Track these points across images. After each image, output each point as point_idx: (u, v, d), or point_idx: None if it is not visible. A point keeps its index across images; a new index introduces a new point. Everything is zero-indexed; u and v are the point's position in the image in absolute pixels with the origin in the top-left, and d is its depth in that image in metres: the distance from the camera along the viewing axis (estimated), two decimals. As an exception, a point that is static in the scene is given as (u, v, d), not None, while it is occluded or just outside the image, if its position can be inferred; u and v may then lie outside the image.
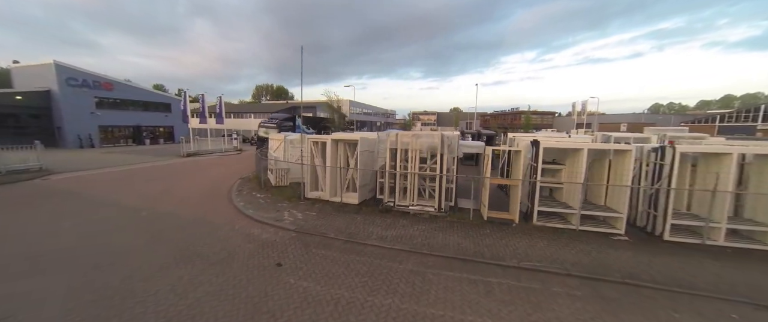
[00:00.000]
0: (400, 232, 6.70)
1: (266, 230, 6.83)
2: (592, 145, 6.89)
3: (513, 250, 5.85)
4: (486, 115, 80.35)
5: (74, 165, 15.76)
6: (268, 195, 9.92)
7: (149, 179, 12.78)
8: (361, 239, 6.29)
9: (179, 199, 9.51)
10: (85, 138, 25.55)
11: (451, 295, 4.33)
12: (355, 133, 11.12)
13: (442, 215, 7.82)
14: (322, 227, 6.97)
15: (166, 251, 5.57)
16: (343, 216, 7.75)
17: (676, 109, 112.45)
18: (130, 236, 6.38)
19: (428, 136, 7.93)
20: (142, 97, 31.50)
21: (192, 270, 4.87)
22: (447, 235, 6.58)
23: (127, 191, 10.56)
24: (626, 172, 6.60)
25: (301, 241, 6.24)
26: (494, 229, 6.97)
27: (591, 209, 7.05)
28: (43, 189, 10.63)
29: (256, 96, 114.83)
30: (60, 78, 23.67)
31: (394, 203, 8.29)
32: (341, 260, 5.35)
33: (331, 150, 8.98)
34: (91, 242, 5.99)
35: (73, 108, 24.62)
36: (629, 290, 4.56)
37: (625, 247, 6.02)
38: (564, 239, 6.40)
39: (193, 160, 19.71)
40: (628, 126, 36.08)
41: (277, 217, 7.67)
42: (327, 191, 9.10)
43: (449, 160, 8.02)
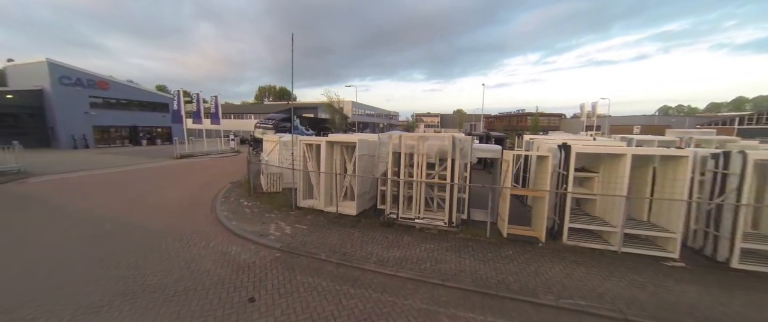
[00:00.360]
0: (404, 252, 5.58)
1: (246, 248, 5.76)
2: (637, 151, 5.73)
3: (545, 279, 4.70)
4: (491, 117, 78.99)
5: (60, 167, 14.89)
6: (256, 203, 8.87)
7: (132, 183, 11.81)
8: (358, 261, 5.18)
9: (156, 207, 8.49)
10: (79, 138, 24.81)
11: (474, 352, 3.21)
12: (353, 134, 10.04)
13: (454, 230, 6.70)
14: (312, 244, 5.87)
15: (108, 282, 4.49)
16: (339, 230, 6.65)
17: (686, 111, 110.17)
18: (73, 257, 5.31)
19: (437, 139, 6.82)
20: (139, 97, 30.80)
21: (130, 311, 3.79)
22: (461, 257, 5.45)
23: (102, 196, 9.58)
24: (680, 183, 5.43)
25: (285, 264, 5.15)
26: (517, 249, 5.83)
27: (633, 226, 5.87)
28: (7, 194, 9.68)
29: (258, 97, 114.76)
30: (53, 76, 22.96)
31: (398, 214, 7.17)
32: (331, 293, 4.25)
33: (327, 154, 7.90)
34: (21, 270, 4.95)
35: (66, 107, 23.89)
36: (711, 343, 3.41)
37: (686, 277, 4.84)
38: (605, 264, 5.24)
39: (185, 162, 18.79)
40: (642, 128, 34.56)
41: (261, 231, 6.59)
42: (321, 200, 8.02)
43: (461, 166, 6.90)
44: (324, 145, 7.87)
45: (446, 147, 6.74)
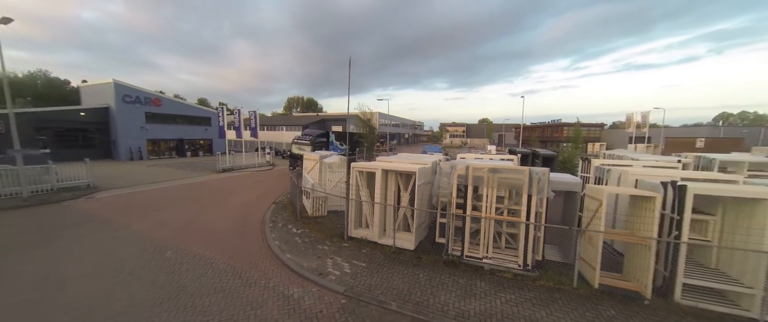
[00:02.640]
0: (484, 305, 4.90)
1: (308, 291, 5.41)
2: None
3: (676, 359, 3.78)
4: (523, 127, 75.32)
5: (120, 182, 15.99)
6: (305, 230, 8.63)
7: (183, 201, 12.23)
8: (435, 316, 4.59)
9: (208, 232, 8.54)
10: (135, 151, 26.98)
11: None
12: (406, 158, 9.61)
13: (530, 274, 5.89)
14: (377, 289, 5.39)
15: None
16: (400, 270, 6.12)
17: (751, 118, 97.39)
18: (143, 295, 5.23)
19: (512, 172, 6.12)
20: (185, 112, 33.11)
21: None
22: (553, 314, 4.67)
23: (159, 217, 9.90)
24: None
25: (354, 315, 4.69)
26: (619, 308, 4.91)
27: None
28: (82, 212, 10.33)
29: (287, 108, 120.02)
30: (117, 95, 25.36)
31: (462, 252, 6.51)
32: (418, 365, 3.69)
33: (381, 182, 7.49)
34: (86, 307, 4.93)
35: (126, 123, 26.20)
36: None
37: None
38: (748, 339, 4.18)
39: (227, 176, 19.49)
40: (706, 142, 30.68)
41: (319, 267, 6.25)
42: (375, 231, 7.57)
43: (538, 201, 6.12)
44: (379, 173, 7.48)
45: (521, 181, 6.02)
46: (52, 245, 7.32)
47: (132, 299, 5.08)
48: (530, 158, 16.69)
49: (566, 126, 50.50)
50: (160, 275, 5.92)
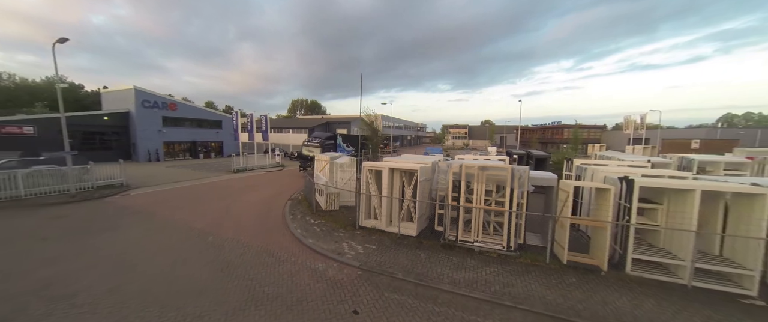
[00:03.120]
0: (472, 275, 6.17)
1: (330, 266, 6.71)
2: (707, 186, 5.84)
3: (614, 309, 5.02)
4: (524, 129, 76.25)
5: (148, 180, 17.46)
6: (321, 221, 9.93)
7: (208, 198, 13.63)
8: (433, 282, 5.87)
9: (238, 222, 9.88)
10: (153, 152, 28.60)
11: (561, 373, 3.72)
12: (409, 159, 10.87)
13: (512, 254, 7.13)
14: (386, 264, 6.68)
15: (240, 290, 5.61)
16: (405, 251, 7.40)
17: (756, 119, 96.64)
18: (203, 268, 6.57)
19: (497, 169, 7.40)
20: (197, 115, 34.74)
21: (268, 316, 4.80)
22: (526, 282, 5.91)
23: (192, 210, 11.28)
24: (757, 221, 5.46)
25: (369, 281, 5.98)
26: (580, 277, 6.14)
27: (704, 260, 5.91)
28: (123, 208, 11.75)
29: (291, 110, 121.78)
30: (137, 100, 27.04)
31: (457, 237, 7.77)
32: (419, 310, 4.97)
33: (388, 179, 8.79)
34: (167, 276, 6.27)
35: (145, 126, 27.85)
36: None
37: (760, 314, 4.87)
38: (675, 297, 5.40)
39: (242, 176, 20.89)
40: (702, 143, 31.47)
41: (337, 249, 7.55)
42: (382, 221, 8.87)
43: (519, 194, 7.37)
44: (386, 171, 8.78)
45: (505, 177, 7.29)
46: (117, 232, 8.72)
47: (195, 269, 6.42)
48: (525, 159, 17.88)
49: (566, 128, 51.37)
50: (209, 253, 7.27)
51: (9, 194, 11.63)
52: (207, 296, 5.40)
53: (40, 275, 6.02)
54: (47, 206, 11.27)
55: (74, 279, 5.86)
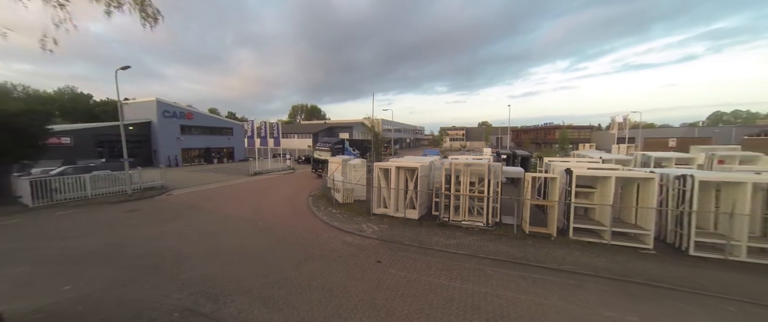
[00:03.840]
0: (459, 241, 8.61)
1: (355, 238, 9.14)
2: (620, 173, 8.34)
3: (552, 257, 7.47)
4: (517, 130, 79.08)
5: (179, 183, 19.83)
6: (341, 211, 12.35)
7: (240, 196, 16.02)
8: (431, 245, 8.31)
9: (274, 213, 12.29)
10: (172, 158, 30.98)
11: (506, 284, 6.16)
12: (410, 159, 13.33)
13: (490, 228, 9.58)
14: (396, 236, 9.12)
15: (295, 252, 8.04)
16: (410, 229, 9.85)
17: (744, 117, 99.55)
18: (263, 240, 9.02)
19: (478, 166, 9.88)
20: (210, 124, 37.21)
21: (321, 265, 7.23)
22: (497, 245, 8.35)
23: (231, 204, 13.69)
24: (651, 196, 7.95)
25: (385, 246, 8.42)
26: (535, 241, 8.59)
27: (622, 226, 8.39)
28: (175, 204, 14.15)
29: (292, 115, 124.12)
30: (159, 111, 29.49)
31: (449, 218, 10.22)
32: (422, 261, 7.41)
33: (395, 175, 11.25)
34: (243, 245, 8.69)
35: (165, 135, 30.27)
36: (651, 290, 6.01)
37: (651, 258, 7.34)
38: (596, 250, 7.85)
39: (260, 178, 23.28)
40: (678, 141, 34.13)
41: (358, 228, 9.98)
42: (391, 208, 11.31)
43: (495, 183, 9.85)
44: (393, 169, 11.24)
45: (484, 171, 9.77)
46: (183, 220, 11.13)
47: (259, 241, 8.83)
48: (511, 158, 20.39)
49: (557, 128, 54.08)
50: (263, 232, 9.69)
51: (79, 195, 14.00)
52: (276, 254, 7.83)
53: (149, 247, 8.42)
54: (113, 204, 13.66)
55: (180, 248, 8.27)
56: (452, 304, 5.48)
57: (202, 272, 6.82)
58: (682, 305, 5.42)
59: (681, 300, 5.59)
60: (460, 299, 5.62)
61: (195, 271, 6.86)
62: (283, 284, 6.25)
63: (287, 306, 5.42)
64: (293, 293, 5.86)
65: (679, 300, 5.59)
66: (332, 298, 5.68)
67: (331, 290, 5.98)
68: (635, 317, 5.08)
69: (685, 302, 5.53)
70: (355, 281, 6.32)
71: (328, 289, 6.02)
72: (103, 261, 7.45)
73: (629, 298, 5.67)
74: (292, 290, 6.00)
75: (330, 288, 6.05)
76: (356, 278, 6.46)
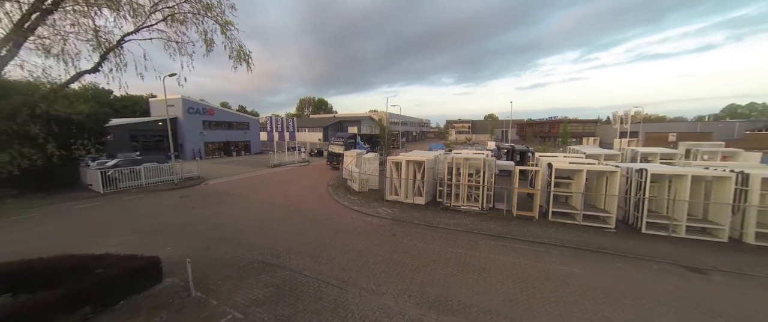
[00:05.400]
0: (458, 221, 10.64)
1: (373, 218, 11.25)
2: (589, 167, 10.16)
3: (531, 233, 9.44)
4: (523, 123, 79.75)
5: (211, 175, 22.23)
6: (358, 198, 14.46)
7: (267, 185, 18.29)
8: (435, 224, 10.36)
9: (301, 200, 14.49)
10: (196, 151, 33.56)
11: (492, 250, 8.19)
12: (417, 154, 15.30)
13: (484, 212, 11.57)
14: (407, 217, 11.19)
15: (324, 228, 10.19)
16: (418, 211, 11.90)
17: (759, 109, 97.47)
18: (298, 219, 11.20)
19: (475, 160, 11.81)
20: (230, 119, 39.63)
21: (349, 237, 9.35)
22: (489, 224, 10.35)
23: (264, 193, 15.93)
24: (615, 186, 9.79)
25: (398, 224, 10.51)
26: (520, 222, 10.56)
27: (592, 210, 10.26)
28: (215, 191, 16.49)
29: (299, 108, 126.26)
30: (184, 108, 31.91)
31: (451, 203, 12.23)
32: (428, 234, 9.47)
33: (405, 167, 13.26)
34: (283, 224, 10.89)
35: (190, 130, 32.77)
36: (600, 255, 7.95)
37: (611, 235, 9.25)
38: (568, 229, 9.78)
39: (279, 170, 25.58)
40: (679, 136, 35.06)
41: (374, 211, 12.08)
42: (402, 195, 13.37)
43: (489, 175, 11.77)
44: (404, 162, 13.24)
45: (480, 165, 11.69)
46: (227, 204, 13.42)
47: (295, 221, 11.02)
48: (510, 153, 22.15)
49: (562, 122, 54.95)
50: (297, 214, 11.89)
51: (136, 184, 16.46)
52: (313, 229, 10.00)
53: (210, 223, 10.69)
54: (165, 191, 16.08)
55: (235, 225, 10.52)
56: (449, 262, 7.54)
57: (260, 240, 9.03)
58: (619, 265, 7.37)
59: (619, 261, 7.54)
60: (455, 259, 7.68)
61: (254, 239, 9.07)
62: (323, 248, 8.41)
63: (330, 261, 7.57)
64: (332, 254, 8.01)
65: (618, 261, 7.54)
66: (362, 256, 7.81)
67: (360, 251, 8.11)
68: (580, 270, 7.07)
69: (622, 263, 7.47)
70: (377, 246, 8.44)
71: (359, 251, 8.15)
72: (182, 233, 9.74)
73: (581, 260, 7.64)
74: (332, 252, 8.15)
75: (359, 250, 8.19)
76: (378, 245, 8.58)
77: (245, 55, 6.11)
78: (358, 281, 6.59)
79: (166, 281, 6.56)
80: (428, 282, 6.56)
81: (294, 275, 6.80)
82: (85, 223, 10.85)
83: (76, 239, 9.22)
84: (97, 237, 9.36)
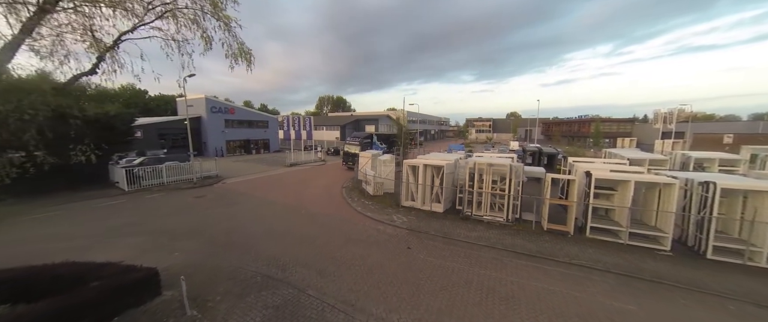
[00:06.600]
0: (480, 234, 9.62)
1: (387, 227, 10.49)
2: (639, 177, 8.71)
3: (566, 252, 8.23)
4: (549, 122, 75.23)
5: (228, 173, 22.53)
6: (372, 202, 13.76)
7: (282, 185, 18.10)
8: (454, 237, 9.42)
9: (314, 202, 14.03)
10: (219, 149, 34.58)
11: (520, 272, 7.15)
12: (435, 156, 14.30)
13: (510, 224, 10.42)
14: (424, 227, 10.32)
15: (335, 236, 9.58)
16: (435, 220, 10.99)
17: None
18: (309, 224, 10.70)
19: (500, 166, 10.66)
20: (249, 117, 40.52)
21: (360, 248, 8.67)
22: (515, 239, 9.24)
23: (278, 194, 15.68)
24: (671, 200, 8.30)
25: (414, 235, 9.68)
26: (552, 237, 9.33)
27: (641, 228, 8.83)
28: (230, 191, 16.51)
29: (318, 106, 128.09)
30: (207, 107, 32.92)
31: (471, 213, 11.19)
32: (446, 249, 8.57)
33: (422, 172, 12.36)
34: (291, 228, 10.43)
35: (212, 128, 33.79)
36: (656, 286, 6.66)
37: (666, 260, 7.83)
38: (611, 249, 8.45)
39: (296, 169, 25.51)
40: (736, 138, 30.92)
41: (389, 219, 11.32)
42: (418, 202, 12.50)
43: (516, 182, 10.59)
44: (421, 166, 12.34)
45: (505, 171, 10.54)
46: (239, 205, 13.26)
47: (305, 226, 10.53)
48: (537, 156, 20.44)
49: (592, 121, 50.96)
50: (308, 219, 11.40)
51: (158, 181, 16.89)
52: (323, 237, 9.43)
53: (222, 226, 10.46)
54: (184, 190, 16.34)
55: (246, 228, 10.21)
56: (471, 286, 6.62)
57: (268, 248, 8.58)
58: (684, 301, 6.07)
59: (682, 296, 6.23)
60: (477, 282, 6.74)
61: (262, 247, 8.64)
62: (332, 260, 7.79)
63: (337, 278, 6.92)
64: (341, 269, 7.35)
65: (680, 296, 6.23)
66: (372, 274, 7.09)
67: (370, 268, 7.39)
68: (634, 306, 5.87)
69: (687, 299, 6.16)
70: (389, 262, 7.68)
71: (368, 267, 7.43)
72: (192, 236, 9.55)
73: (632, 292, 6.40)
74: (340, 266, 7.49)
75: (369, 266, 7.47)
76: (390, 260, 7.81)
77: (245, 52, 5.54)
78: (366, 305, 5.87)
79: (166, 294, 6.22)
80: (446, 311, 5.71)
81: (297, 294, 6.22)
82: (104, 221, 11.05)
83: (91, 239, 9.29)
84: (112, 238, 9.39)
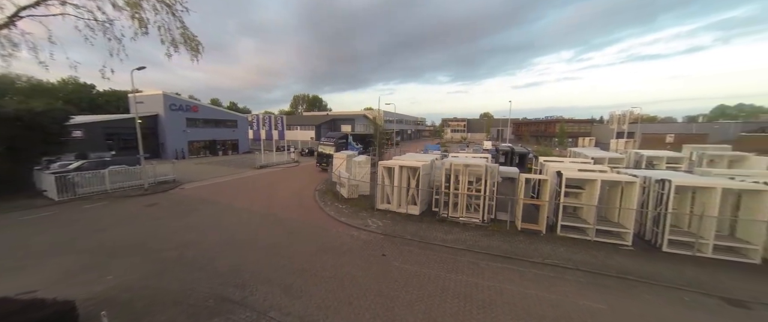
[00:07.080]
0: (456, 236, 9.44)
1: (361, 232, 9.98)
2: (605, 177, 9.05)
3: (540, 252, 8.30)
4: (519, 122, 79.27)
5: (188, 177, 20.62)
6: (347, 206, 13.16)
7: (250, 190, 16.83)
8: (431, 240, 9.14)
9: (284, 208, 13.12)
10: (179, 151, 31.73)
11: (497, 275, 7.01)
12: (411, 157, 14.03)
13: (485, 225, 10.40)
14: (399, 231, 9.95)
15: (308, 244, 8.89)
16: (411, 224, 10.67)
17: (747, 111, 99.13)
18: (277, 233, 9.88)
19: (476, 166, 10.60)
20: (215, 116, 37.73)
21: (331, 257, 8.07)
22: (491, 240, 9.18)
23: (245, 199, 14.51)
24: (633, 197, 8.70)
25: (389, 240, 9.26)
26: (526, 237, 9.42)
27: (605, 224, 9.18)
28: (188, 198, 14.98)
29: (293, 105, 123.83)
30: (165, 105, 30.01)
31: (448, 214, 11.03)
32: (422, 254, 8.25)
33: (398, 173, 12.00)
34: (256, 237, 9.55)
35: (172, 127, 30.90)
36: (621, 282, 6.85)
37: (628, 254, 8.17)
38: (579, 246, 8.68)
39: (266, 172, 24.05)
40: (676, 137, 34.60)
41: (363, 224, 10.81)
42: (394, 204, 12.12)
43: (491, 183, 10.59)
44: (397, 168, 11.97)
45: (481, 172, 10.50)
46: (199, 213, 11.98)
47: (272, 234, 9.68)
48: (510, 154, 21.06)
49: (557, 122, 54.39)
50: (276, 225, 10.54)
51: (99, 189, 14.85)
52: (290, 248, 8.67)
53: (174, 240, 9.28)
54: (132, 198, 14.51)
55: (202, 241, 9.13)
56: (447, 293, 6.33)
57: (227, 262, 7.68)
58: (647, 296, 6.27)
59: (646, 291, 6.44)
60: (454, 289, 6.48)
61: (221, 261, 7.72)
62: (299, 273, 7.12)
63: (305, 294, 6.28)
64: (309, 283, 6.72)
65: (644, 291, 6.44)
66: (343, 287, 6.54)
67: (342, 279, 6.84)
68: (604, 305, 5.93)
69: (650, 293, 6.37)
70: (363, 272, 7.18)
71: (340, 279, 6.87)
72: (136, 252, 8.32)
73: (602, 289, 6.51)
74: (309, 279, 6.85)
75: (341, 278, 6.91)
76: (364, 269, 7.32)
77: (190, 39, 4.72)
78: (336, 324, 5.33)
79: (90, 329, 5.18)
80: (423, 325, 5.34)
81: (256, 318, 5.50)
82: (23, 239, 9.32)
83: (2, 262, 7.72)
84: (31, 259, 7.88)
